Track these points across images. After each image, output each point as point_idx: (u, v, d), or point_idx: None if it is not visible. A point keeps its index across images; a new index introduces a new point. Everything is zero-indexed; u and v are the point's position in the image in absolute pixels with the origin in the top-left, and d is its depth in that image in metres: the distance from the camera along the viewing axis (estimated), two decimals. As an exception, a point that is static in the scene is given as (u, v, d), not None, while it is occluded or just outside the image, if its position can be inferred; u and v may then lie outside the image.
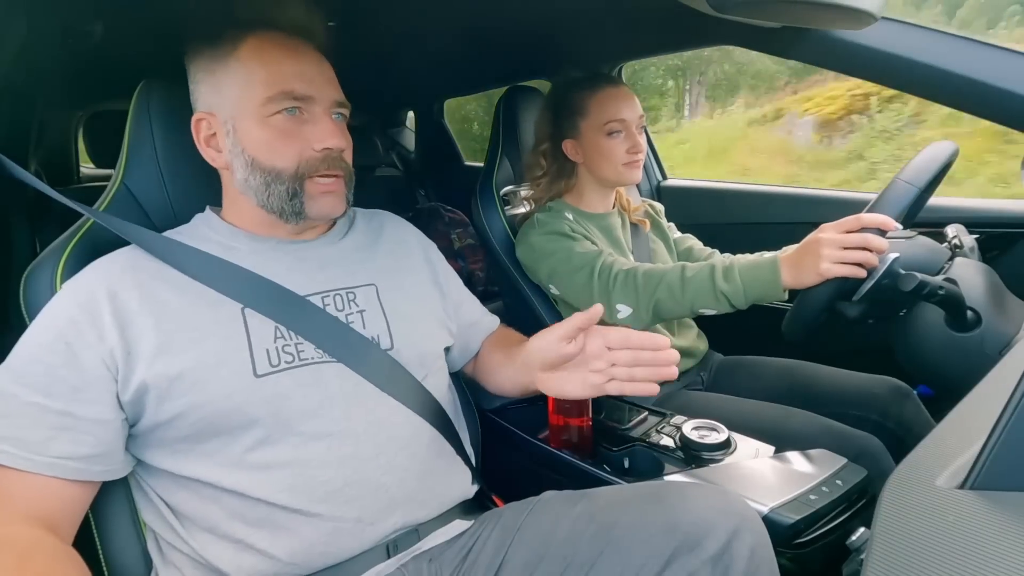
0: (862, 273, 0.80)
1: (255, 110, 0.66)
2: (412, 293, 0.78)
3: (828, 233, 0.82)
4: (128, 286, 0.62)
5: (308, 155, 0.68)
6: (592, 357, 0.68)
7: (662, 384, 1.11)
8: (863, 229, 0.80)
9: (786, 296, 0.88)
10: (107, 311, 0.60)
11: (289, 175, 0.67)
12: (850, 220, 0.81)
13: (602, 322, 1.02)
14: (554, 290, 1.09)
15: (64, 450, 0.57)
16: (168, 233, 0.71)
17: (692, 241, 1.29)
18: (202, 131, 0.70)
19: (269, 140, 0.67)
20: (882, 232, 0.79)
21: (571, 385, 0.70)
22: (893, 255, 0.79)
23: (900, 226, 0.81)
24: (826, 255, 0.80)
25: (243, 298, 0.66)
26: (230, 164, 0.69)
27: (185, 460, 0.62)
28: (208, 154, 0.71)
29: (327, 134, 0.68)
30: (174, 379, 0.60)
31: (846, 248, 0.80)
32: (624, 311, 0.97)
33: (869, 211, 0.81)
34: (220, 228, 0.72)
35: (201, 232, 0.72)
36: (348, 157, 0.73)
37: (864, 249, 0.79)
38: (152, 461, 0.63)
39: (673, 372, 0.65)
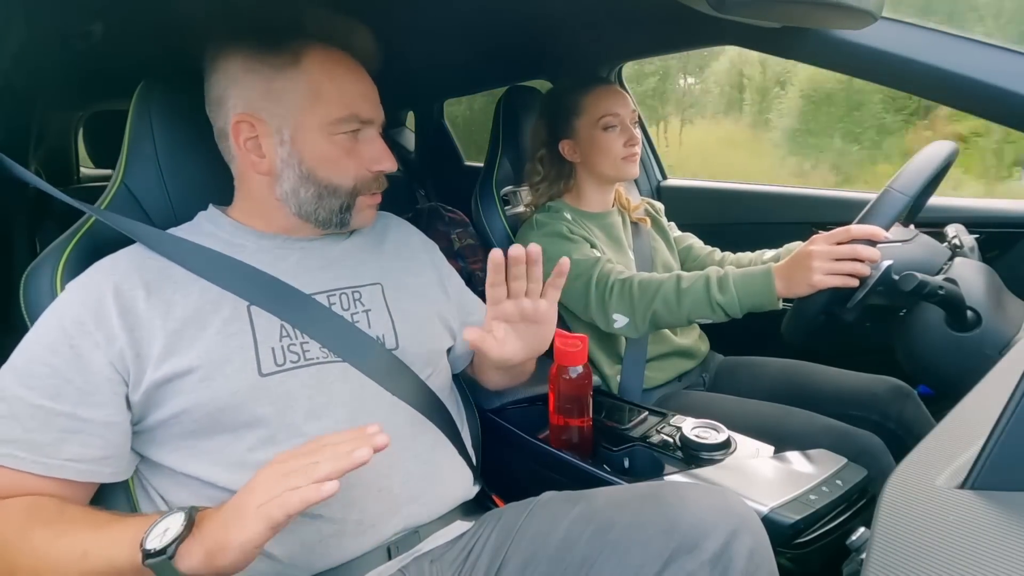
0: (854, 283, 0.80)
1: (322, 126, 0.67)
2: (417, 293, 0.78)
3: (819, 245, 0.83)
4: (134, 285, 0.62)
5: (363, 175, 0.71)
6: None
7: (662, 384, 1.13)
8: (853, 241, 0.80)
9: (781, 304, 0.88)
10: (114, 312, 0.59)
11: (346, 191, 0.70)
12: (840, 232, 0.82)
13: (598, 331, 1.04)
14: (552, 292, 1.09)
15: (75, 452, 0.57)
16: (171, 230, 0.70)
17: (692, 240, 1.29)
18: (242, 134, 0.67)
19: (332, 156, 0.69)
20: (872, 243, 0.79)
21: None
22: (887, 262, 0.79)
23: (890, 236, 0.81)
24: (817, 267, 0.81)
25: (249, 295, 0.65)
26: (277, 171, 0.68)
27: (188, 457, 0.62)
28: (247, 159, 0.68)
29: (383, 156, 0.72)
30: (182, 376, 0.60)
31: (837, 260, 0.80)
32: (621, 320, 0.98)
33: (859, 221, 0.82)
34: (225, 225, 0.71)
35: (206, 229, 0.71)
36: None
37: (855, 260, 0.79)
38: (155, 457, 0.63)
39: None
